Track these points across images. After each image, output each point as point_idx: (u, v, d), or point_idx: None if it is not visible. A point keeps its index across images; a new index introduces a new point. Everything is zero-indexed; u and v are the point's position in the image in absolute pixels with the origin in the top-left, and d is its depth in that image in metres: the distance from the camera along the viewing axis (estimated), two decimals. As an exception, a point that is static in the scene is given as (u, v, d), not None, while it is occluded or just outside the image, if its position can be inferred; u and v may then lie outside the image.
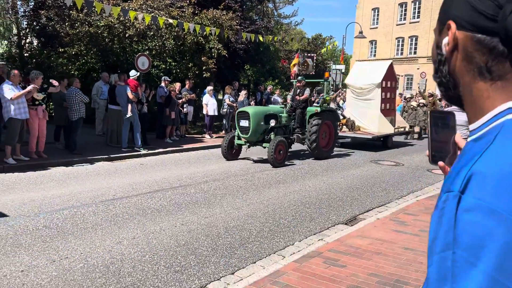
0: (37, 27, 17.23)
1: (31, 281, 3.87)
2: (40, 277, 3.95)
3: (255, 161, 10.81)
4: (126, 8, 13.39)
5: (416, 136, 17.79)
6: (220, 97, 19.83)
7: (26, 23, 18.00)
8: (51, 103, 11.79)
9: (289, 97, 13.06)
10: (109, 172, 8.90)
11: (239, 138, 10.72)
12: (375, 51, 41.93)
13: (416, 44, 38.53)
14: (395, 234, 5.46)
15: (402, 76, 39.12)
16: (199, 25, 14.65)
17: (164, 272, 4.20)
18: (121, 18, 13.91)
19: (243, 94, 15.57)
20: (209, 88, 14.73)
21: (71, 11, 14.09)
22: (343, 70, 27.10)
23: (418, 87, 30.48)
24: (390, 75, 14.93)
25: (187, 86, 14.56)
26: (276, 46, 26.77)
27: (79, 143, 10.35)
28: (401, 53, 39.77)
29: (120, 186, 7.59)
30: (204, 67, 16.27)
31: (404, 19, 39.25)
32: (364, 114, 14.55)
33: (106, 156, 10.13)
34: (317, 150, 11.30)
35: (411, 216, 6.29)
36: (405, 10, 39.22)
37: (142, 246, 4.83)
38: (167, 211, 6.21)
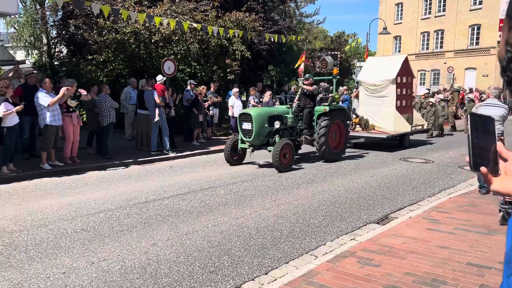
0: (66, 36, 17.75)
1: (72, 283, 4.01)
2: (81, 278, 4.09)
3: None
4: (151, 14, 13.64)
5: (434, 134, 16.72)
6: (244, 98, 19.94)
7: (55, 32, 18.59)
8: (82, 110, 12.12)
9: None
10: (140, 175, 9.09)
11: (242, 142, 10.17)
12: (399, 47, 41.24)
13: (442, 38, 37.68)
14: (428, 232, 5.38)
15: (428, 71, 38.37)
16: (223, 28, 14.79)
17: (199, 272, 4.28)
18: (146, 24, 14.18)
19: (267, 94, 15.60)
20: (235, 90, 14.83)
21: (98, 19, 14.44)
22: (367, 67, 26.75)
23: (452, 83, 29.72)
24: (406, 70, 14.23)
25: (212, 89, 14.70)
26: (299, 45, 26.69)
27: (110, 148, 10.61)
28: (427, 48, 38.96)
29: (152, 189, 7.75)
30: (228, 70, 16.40)
31: (429, 13, 38.44)
32: (379, 112, 13.84)
33: (136, 160, 10.35)
34: (327, 152, 10.61)
35: (445, 214, 6.18)
36: (430, 4, 38.41)
37: (177, 247, 4.92)
38: (198, 213, 6.31)
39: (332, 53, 29.06)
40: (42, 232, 5.35)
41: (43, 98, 8.67)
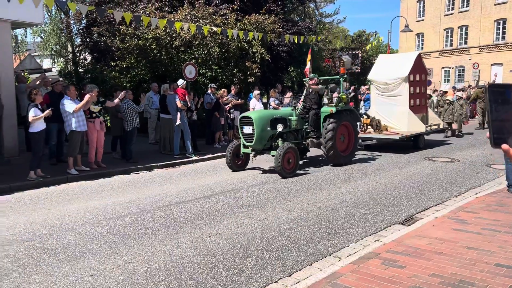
0: (90, 44, 18.18)
1: (100, 285, 4.10)
2: (108, 281, 4.18)
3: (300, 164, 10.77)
4: (172, 19, 13.83)
5: (449, 133, 15.90)
6: (265, 100, 19.95)
7: (80, 40, 19.05)
8: (106, 115, 12.38)
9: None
10: (164, 178, 9.21)
11: (245, 147, 9.73)
12: (422, 44, 40.52)
13: (466, 34, 36.82)
14: (455, 233, 5.27)
15: (452, 68, 37.55)
16: (242, 31, 14.87)
17: (223, 274, 4.31)
18: (167, 30, 14.39)
19: (288, 96, 15.58)
20: (256, 92, 14.88)
21: (120, 26, 14.74)
22: (389, 66, 26.40)
23: (477, 79, 29.02)
24: (419, 67, 13.59)
25: (232, 92, 14.79)
26: (320, 46, 26.56)
27: (134, 152, 10.81)
28: (451, 45, 38.14)
29: (175, 192, 7.85)
30: (248, 72, 16.46)
31: (452, 8, 37.63)
32: (391, 112, 13.25)
33: (160, 164, 10.51)
34: (334, 155, 10.07)
35: (472, 214, 6.04)
36: (453, -1, 37.63)
37: (200, 249, 4.97)
38: (221, 215, 6.35)
39: (353, 52, 28.80)
40: (70, 235, 5.50)
41: (68, 105, 8.91)
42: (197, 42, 15.40)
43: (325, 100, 10.50)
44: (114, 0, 16.67)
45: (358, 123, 11.44)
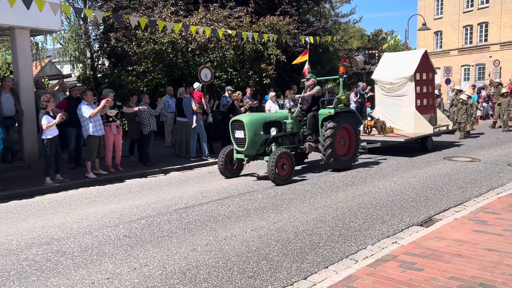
0: (108, 49, 18.44)
1: (116, 288, 4.13)
2: (124, 284, 4.21)
3: (319, 164, 10.68)
4: (187, 23, 13.93)
5: (463, 135, 14.94)
6: (281, 102, 19.89)
7: (97, 46, 19.35)
8: (124, 119, 12.52)
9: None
10: (180, 181, 9.26)
11: (238, 152, 9.23)
12: (441, 42, 39.85)
13: (486, 31, 36.04)
14: (475, 234, 5.14)
15: (473, 66, 36.81)
16: (257, 33, 14.86)
17: (238, 278, 4.29)
18: (183, 34, 14.49)
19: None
20: (272, 94, 14.84)
21: (137, 31, 14.91)
22: (407, 65, 26.03)
23: (498, 77, 28.35)
24: (426, 66, 12.94)
25: (248, 94, 14.78)
26: (336, 46, 26.39)
27: (151, 155, 10.90)
28: (470, 42, 37.40)
29: (191, 195, 7.87)
30: (264, 74, 16.45)
31: (472, 5, 36.90)
32: (397, 113, 12.63)
33: (176, 166, 10.57)
34: (334, 160, 9.51)
35: (493, 215, 5.89)
36: (472, -5, 36.90)
37: (215, 252, 4.97)
38: (237, 217, 6.34)
39: (370, 52, 28.54)
40: (87, 239, 5.56)
41: (85, 110, 9.04)
42: (212, 45, 15.47)
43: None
44: (130, 6, 16.89)
45: (360, 125, 10.87)
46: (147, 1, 16.69)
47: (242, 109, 13.84)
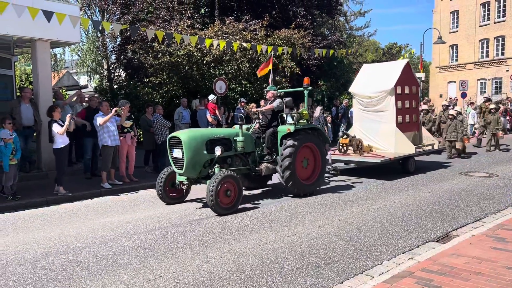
0: (124, 61, 18.75)
1: (130, 299, 4.13)
2: (138, 295, 4.21)
3: (326, 180, 10.60)
4: (203, 36, 14.11)
5: (454, 153, 13.67)
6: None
7: (114, 57, 19.68)
8: (139, 130, 12.66)
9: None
10: (196, 192, 9.22)
11: (180, 174, 7.89)
12: (456, 56, 39.57)
13: (503, 44, 35.70)
14: (494, 252, 5.04)
15: (489, 80, 36.42)
16: (272, 46, 14.97)
17: (252, 291, 4.26)
18: (198, 46, 14.67)
19: (318, 110, 15.50)
20: (285, 106, 14.86)
21: (153, 44, 15.15)
22: (422, 78, 25.92)
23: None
24: (408, 78, 11.60)
25: (262, 106, 14.84)
26: (350, 59, 26.41)
27: (166, 166, 10.92)
28: (487, 56, 37.04)
29: (205, 206, 7.88)
30: (278, 86, 16.50)
31: (488, 19, 36.65)
32: (376, 130, 11.35)
33: (190, 178, 10.58)
34: (292, 183, 8.26)
35: (512, 232, 5.76)
36: (488, 9, 36.64)
37: (229, 265, 4.95)
38: (250, 230, 6.32)
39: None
40: (102, 249, 5.60)
41: (98, 119, 9.18)
42: (227, 57, 15.62)
43: (289, 119, 8.65)
44: (147, 19, 17.19)
45: (326, 144, 9.50)
46: (164, 14, 16.98)
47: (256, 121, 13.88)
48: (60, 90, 16.90)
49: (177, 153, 7.70)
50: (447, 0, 39.51)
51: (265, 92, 9.97)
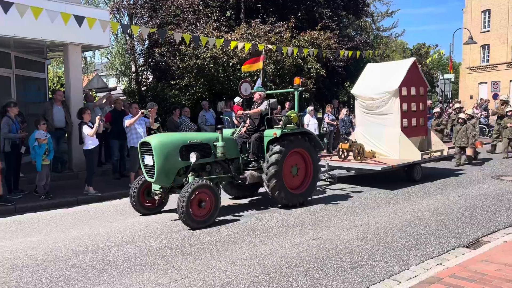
0: (152, 63, 19.04)
1: (158, 298, 4.21)
2: (165, 294, 4.29)
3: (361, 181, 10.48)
4: (229, 38, 14.22)
5: (465, 160, 12.63)
6: (320, 116, 19.79)
7: (142, 60, 20.04)
8: (165, 131, 12.85)
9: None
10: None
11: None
12: (488, 56, 38.48)
13: (537, 44, 34.54)
14: (528, 259, 4.88)
15: (522, 80, 35.27)
16: (297, 48, 14.94)
17: (277, 293, 4.27)
18: (224, 49, 14.79)
19: (344, 111, 15.36)
20: (310, 108, 14.83)
21: (180, 47, 15.35)
22: (452, 79, 25.30)
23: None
24: (414, 79, 10.70)
25: (286, 108, 14.82)
26: (377, 60, 26.05)
27: (191, 168, 11.07)
28: (520, 56, 35.89)
29: (231, 208, 7.94)
30: (303, 88, 16.45)
31: (521, 18, 35.53)
32: (380, 135, 10.57)
33: (215, 179, 10.67)
34: (279, 193, 7.57)
35: (547, 239, 5.57)
36: (522, 8, 35.51)
37: (254, 267, 4.97)
38: (275, 232, 6.33)
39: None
40: (130, 248, 5.72)
41: (126, 121, 9.38)
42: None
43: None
44: (174, 22, 17.44)
45: (318, 149, 8.63)
46: (190, 17, 17.19)
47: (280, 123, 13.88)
48: (90, 92, 17.37)
49: (148, 160, 7.05)
50: (478, -1, 38.50)
51: (251, 93, 9.09)
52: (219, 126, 7.74)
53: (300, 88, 8.38)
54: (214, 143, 7.45)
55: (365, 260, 5.15)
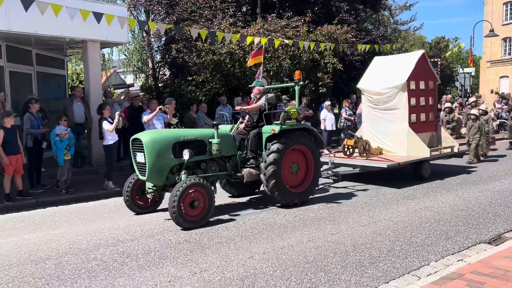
0: (169, 60, 19.17)
1: (177, 291, 4.26)
2: (185, 287, 4.33)
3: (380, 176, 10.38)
4: (245, 34, 14.20)
5: (472, 159, 11.97)
6: (336, 111, 19.65)
7: (159, 57, 20.18)
8: (183, 127, 12.95)
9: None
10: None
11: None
12: (509, 49, 37.56)
13: (562, 36, 33.57)
14: (552, 256, 4.77)
15: (546, 74, 34.35)
16: (314, 42, 14.84)
17: (296, 288, 4.28)
18: (240, 44, 14.79)
19: (361, 106, 15.21)
20: (327, 103, 14.74)
21: (197, 42, 15.41)
22: (472, 73, 24.78)
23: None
24: (423, 72, 10.26)
25: (303, 103, 14.75)
26: (395, 54, 25.70)
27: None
28: (543, 48, 34.97)
29: (248, 202, 7.96)
30: (320, 83, 16.36)
31: (545, 9, 34.58)
32: (387, 131, 10.19)
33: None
34: (279, 192, 7.33)
35: None
36: (545, -1, 34.56)
37: (273, 261, 4.98)
38: (293, 227, 6.33)
39: (432, 60, 27.44)
40: (150, 242, 5.79)
41: (144, 117, 9.48)
42: (269, 55, 15.62)
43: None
44: (191, 18, 17.50)
45: (319, 146, 8.30)
46: (207, 13, 17.23)
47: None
48: (108, 89, 17.59)
49: (139, 157, 6.82)
50: (499, -9, 37.57)
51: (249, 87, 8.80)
52: (214, 122, 7.40)
53: (301, 83, 8.04)
54: (210, 140, 7.18)
55: (384, 255, 5.11)
